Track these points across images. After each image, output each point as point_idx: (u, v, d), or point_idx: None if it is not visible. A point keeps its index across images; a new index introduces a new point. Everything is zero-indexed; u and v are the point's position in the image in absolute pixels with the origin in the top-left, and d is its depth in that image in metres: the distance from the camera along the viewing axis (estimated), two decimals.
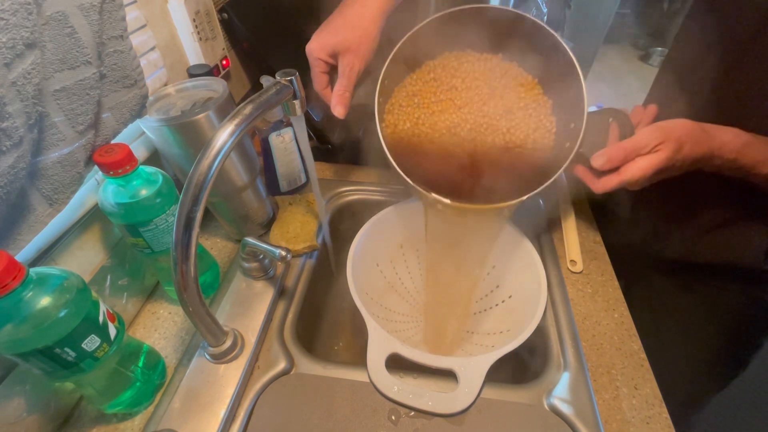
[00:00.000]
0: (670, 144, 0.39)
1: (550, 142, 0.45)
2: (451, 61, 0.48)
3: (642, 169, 0.40)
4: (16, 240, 0.31)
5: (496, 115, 0.46)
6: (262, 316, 0.46)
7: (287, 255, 0.43)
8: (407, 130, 0.47)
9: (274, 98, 0.35)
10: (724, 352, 0.57)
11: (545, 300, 0.45)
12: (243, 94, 0.73)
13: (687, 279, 0.57)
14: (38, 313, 0.28)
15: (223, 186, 0.48)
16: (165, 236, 0.40)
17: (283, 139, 0.57)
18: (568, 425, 0.39)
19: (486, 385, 0.40)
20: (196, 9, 0.56)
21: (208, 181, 0.29)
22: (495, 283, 0.56)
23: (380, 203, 0.60)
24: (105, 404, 0.37)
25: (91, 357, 0.32)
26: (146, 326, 0.47)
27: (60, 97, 0.31)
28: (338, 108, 0.45)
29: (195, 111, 0.41)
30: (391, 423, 0.40)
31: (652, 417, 0.40)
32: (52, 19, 0.29)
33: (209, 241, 0.58)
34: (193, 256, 0.30)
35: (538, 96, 0.46)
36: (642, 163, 0.40)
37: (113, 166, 0.34)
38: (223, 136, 0.30)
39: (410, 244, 0.61)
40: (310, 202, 0.60)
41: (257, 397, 0.41)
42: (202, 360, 0.42)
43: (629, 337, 0.46)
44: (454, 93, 0.47)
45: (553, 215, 0.60)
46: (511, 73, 0.47)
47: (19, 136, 0.27)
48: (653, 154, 0.39)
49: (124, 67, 0.36)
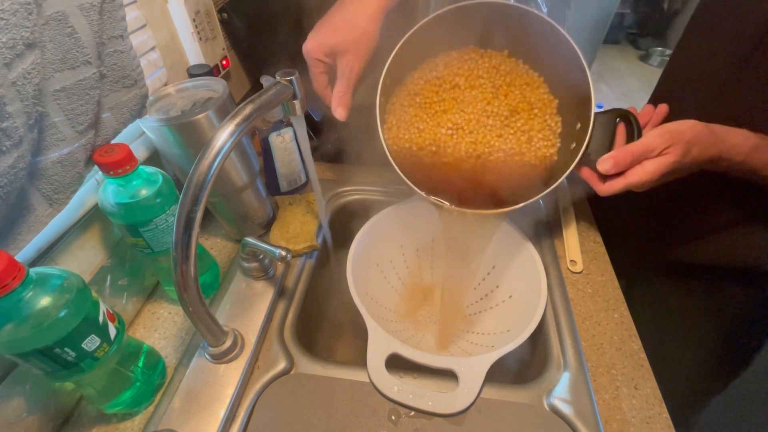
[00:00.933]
0: (678, 147, 0.38)
1: (555, 143, 0.44)
2: (453, 59, 0.46)
3: (649, 173, 0.39)
4: (16, 240, 0.31)
5: (500, 115, 0.45)
6: (262, 316, 0.46)
7: (287, 255, 0.43)
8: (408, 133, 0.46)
9: (274, 98, 0.35)
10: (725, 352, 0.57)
11: (545, 300, 0.45)
12: (243, 94, 0.73)
13: (688, 279, 0.57)
14: (38, 313, 0.28)
15: (223, 186, 0.48)
16: (165, 236, 0.40)
17: (283, 139, 0.57)
18: (568, 425, 0.39)
19: (486, 385, 0.40)
20: (196, 9, 0.56)
21: (208, 181, 0.29)
22: (495, 283, 0.56)
23: (380, 203, 0.60)
24: (105, 404, 0.37)
25: (91, 357, 0.32)
26: (146, 326, 0.47)
27: (60, 97, 0.31)
28: (339, 110, 0.44)
29: (195, 111, 0.41)
30: (391, 423, 0.40)
31: (652, 417, 0.40)
32: (52, 19, 0.29)
33: (209, 241, 0.58)
34: (193, 256, 0.30)
35: (544, 95, 0.45)
36: (649, 167, 0.39)
37: (113, 166, 0.34)
38: (223, 136, 0.30)
39: (410, 244, 0.61)
40: (310, 202, 0.60)
41: (257, 397, 0.41)
42: (202, 360, 0.42)
43: (629, 337, 0.46)
44: (457, 92, 0.46)
45: (553, 215, 0.60)
46: (516, 71, 0.45)
47: (19, 136, 0.27)
48: (661, 158, 0.39)
49: (124, 67, 0.36)
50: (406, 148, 0.46)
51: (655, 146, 0.39)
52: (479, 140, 0.45)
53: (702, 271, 0.54)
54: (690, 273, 0.56)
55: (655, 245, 0.59)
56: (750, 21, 0.42)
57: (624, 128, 0.43)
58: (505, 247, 0.53)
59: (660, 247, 0.58)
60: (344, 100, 0.44)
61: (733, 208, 0.49)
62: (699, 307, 0.56)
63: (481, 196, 0.44)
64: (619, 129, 0.43)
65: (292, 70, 0.38)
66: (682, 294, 0.58)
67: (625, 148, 0.40)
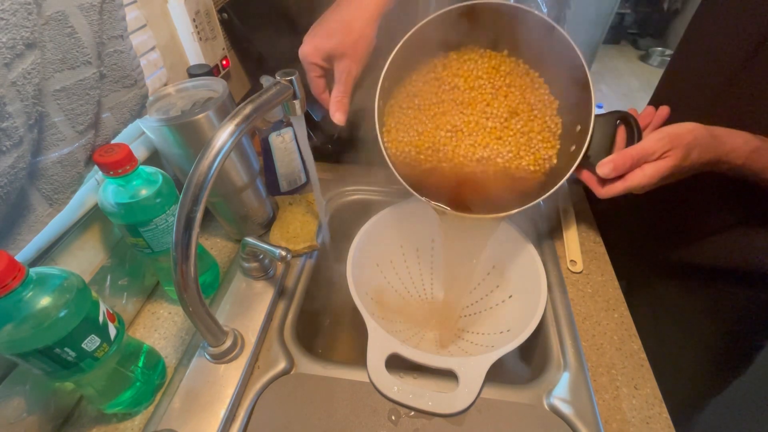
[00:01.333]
0: (678, 151, 0.38)
1: (554, 145, 0.44)
2: (453, 60, 0.46)
3: (648, 177, 0.39)
4: (16, 240, 0.31)
5: (499, 117, 0.44)
6: (262, 316, 0.46)
7: (287, 255, 0.43)
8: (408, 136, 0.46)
9: (274, 98, 0.35)
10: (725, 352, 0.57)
11: (545, 300, 0.45)
12: (243, 94, 0.73)
13: (688, 280, 0.57)
14: (38, 313, 0.28)
15: (223, 186, 0.48)
16: (165, 236, 0.40)
17: (283, 139, 0.57)
18: (568, 425, 0.39)
19: (486, 385, 0.40)
20: (196, 9, 0.56)
21: (208, 181, 0.29)
22: (495, 283, 0.56)
23: (380, 203, 0.60)
24: (105, 404, 0.37)
25: (91, 357, 0.32)
26: (146, 326, 0.47)
27: (60, 97, 0.31)
28: (337, 115, 0.44)
29: (195, 111, 0.41)
30: (391, 423, 0.40)
31: (652, 417, 0.40)
32: (52, 19, 0.29)
33: (209, 241, 0.58)
34: (193, 256, 0.30)
35: (544, 96, 0.44)
36: (649, 170, 0.39)
37: (113, 166, 0.34)
38: (223, 136, 0.30)
39: (410, 244, 0.61)
40: (310, 202, 0.60)
41: (257, 397, 0.41)
42: (202, 360, 0.42)
43: (629, 337, 0.46)
44: (456, 93, 0.45)
45: (553, 215, 0.60)
46: (516, 72, 0.45)
47: (19, 136, 0.27)
48: (660, 161, 0.39)
49: (124, 67, 0.36)
50: (405, 152, 0.46)
51: (655, 150, 0.38)
52: (478, 142, 0.45)
53: (702, 271, 0.54)
54: (690, 273, 0.56)
55: (655, 245, 0.59)
56: (752, 21, 0.42)
57: (624, 131, 0.43)
58: (505, 248, 0.53)
59: (660, 248, 0.58)
60: (342, 105, 0.44)
61: (734, 209, 0.49)
62: (699, 307, 0.56)
63: (480, 200, 0.44)
64: (619, 131, 0.43)
65: (292, 70, 0.38)
66: (682, 294, 0.58)
67: (624, 152, 0.40)
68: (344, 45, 0.41)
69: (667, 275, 0.59)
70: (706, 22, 0.50)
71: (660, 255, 0.59)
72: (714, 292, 0.55)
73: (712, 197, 0.50)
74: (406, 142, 0.46)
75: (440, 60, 0.46)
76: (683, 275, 0.57)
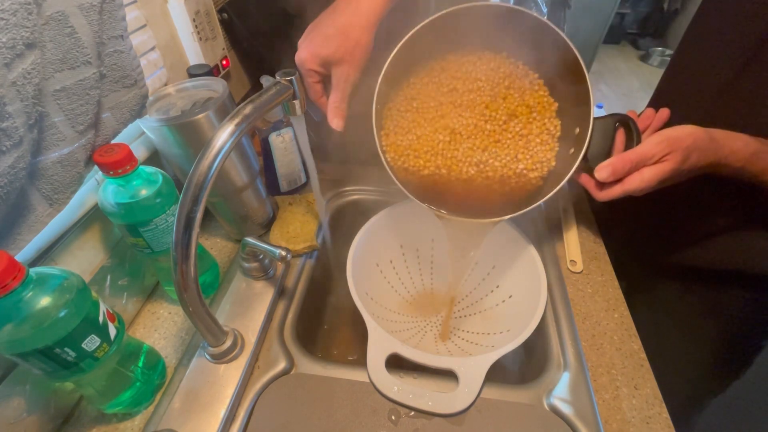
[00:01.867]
0: (677, 154, 0.38)
1: (553, 147, 0.44)
2: (451, 62, 0.46)
3: (646, 181, 0.39)
4: (16, 240, 0.31)
5: (498, 119, 0.44)
6: (262, 316, 0.46)
7: (287, 255, 0.43)
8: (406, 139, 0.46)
9: (274, 98, 0.35)
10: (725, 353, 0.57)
11: (545, 300, 0.45)
12: (243, 94, 0.73)
13: (688, 280, 0.57)
14: (38, 313, 0.28)
15: (223, 186, 0.48)
16: (165, 236, 0.40)
17: (283, 139, 0.57)
18: (568, 425, 0.39)
19: (486, 385, 0.40)
20: (196, 9, 0.56)
21: (208, 181, 0.29)
22: (495, 283, 0.56)
23: (380, 203, 0.60)
24: (105, 404, 0.37)
25: (91, 357, 0.32)
26: (146, 326, 0.47)
27: (60, 97, 0.31)
28: (335, 121, 0.44)
29: (195, 111, 0.41)
30: (391, 423, 0.40)
31: (652, 417, 0.40)
32: (52, 19, 0.29)
33: (209, 241, 0.58)
34: (193, 256, 0.30)
35: (543, 97, 0.44)
36: (647, 174, 0.39)
37: (113, 166, 0.34)
38: (223, 136, 0.30)
39: (410, 244, 0.61)
40: (310, 202, 0.60)
41: (257, 397, 0.41)
42: (202, 360, 0.42)
43: (629, 337, 0.46)
44: (454, 96, 0.45)
45: (553, 215, 0.60)
46: (515, 73, 0.45)
47: (19, 136, 0.27)
48: (659, 165, 0.39)
49: (124, 67, 0.36)
50: (404, 156, 0.46)
51: (654, 153, 0.38)
52: (477, 145, 0.45)
53: (702, 272, 0.54)
54: (690, 274, 0.56)
55: (655, 246, 0.59)
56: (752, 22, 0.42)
57: (623, 133, 0.43)
58: (505, 248, 0.53)
59: (660, 248, 0.58)
60: (340, 111, 0.44)
61: (734, 211, 0.49)
62: (699, 308, 0.56)
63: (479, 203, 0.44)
64: (618, 134, 0.43)
65: (292, 70, 0.38)
66: (682, 295, 0.58)
67: (623, 156, 0.40)
68: (341, 51, 0.40)
69: (667, 276, 0.59)
70: (707, 22, 0.50)
71: (660, 255, 0.59)
72: (714, 293, 0.55)
73: (712, 198, 0.50)
74: (405, 146, 0.45)
75: (438, 62, 0.46)
76: (683, 276, 0.57)
